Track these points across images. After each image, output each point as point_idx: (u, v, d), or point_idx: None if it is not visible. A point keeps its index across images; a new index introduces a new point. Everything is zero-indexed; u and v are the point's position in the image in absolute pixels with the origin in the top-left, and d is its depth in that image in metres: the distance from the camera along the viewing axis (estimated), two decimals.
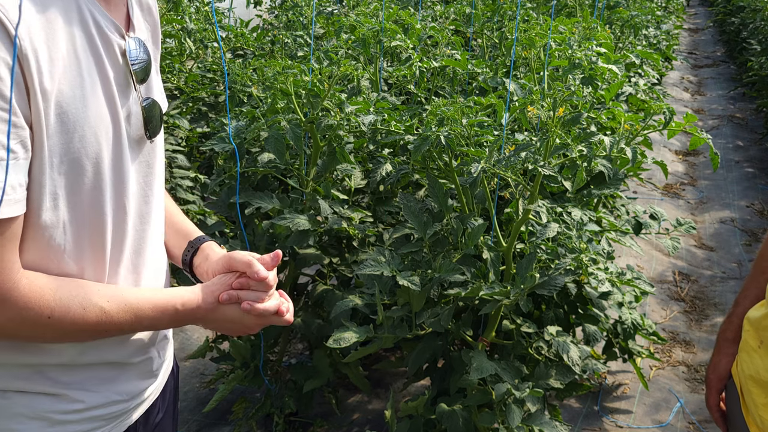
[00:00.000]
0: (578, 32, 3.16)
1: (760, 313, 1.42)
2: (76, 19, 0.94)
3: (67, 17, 0.92)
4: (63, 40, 0.91)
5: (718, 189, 5.63)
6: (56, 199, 0.93)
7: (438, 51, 3.08)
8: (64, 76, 0.91)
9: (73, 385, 1.04)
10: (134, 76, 1.02)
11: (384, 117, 2.29)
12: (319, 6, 3.96)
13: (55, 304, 0.94)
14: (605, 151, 1.98)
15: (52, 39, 0.90)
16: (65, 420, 1.03)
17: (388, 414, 2.16)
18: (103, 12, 0.97)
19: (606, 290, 2.29)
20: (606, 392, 3.01)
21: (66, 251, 0.98)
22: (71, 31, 0.93)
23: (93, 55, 0.96)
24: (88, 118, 0.94)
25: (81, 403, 1.04)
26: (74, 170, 0.94)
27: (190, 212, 3.53)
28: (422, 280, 1.95)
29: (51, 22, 0.90)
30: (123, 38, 1.01)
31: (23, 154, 0.88)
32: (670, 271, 4.24)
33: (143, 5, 1.13)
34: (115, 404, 1.10)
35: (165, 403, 1.26)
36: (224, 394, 2.45)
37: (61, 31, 0.91)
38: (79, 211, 0.97)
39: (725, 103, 8.16)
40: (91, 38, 0.96)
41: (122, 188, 1.02)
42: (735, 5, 10.74)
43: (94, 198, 0.98)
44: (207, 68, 3.67)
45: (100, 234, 1.01)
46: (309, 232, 2.19)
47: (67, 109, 0.91)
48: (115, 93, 0.99)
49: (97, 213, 0.99)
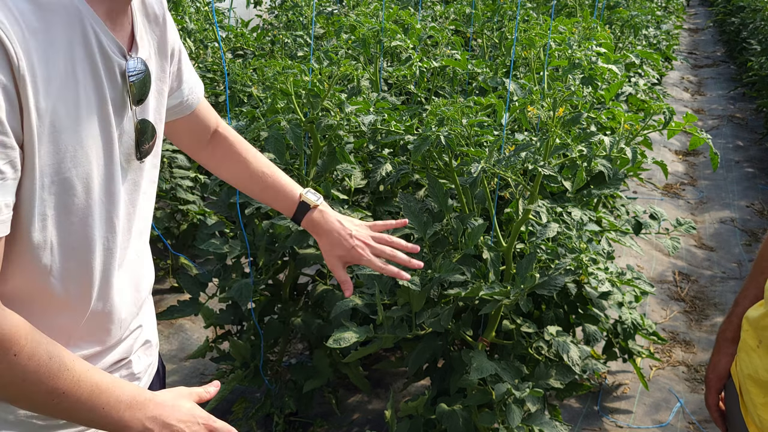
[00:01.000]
0: (578, 32, 3.16)
1: (759, 312, 1.42)
2: (79, 37, 0.92)
3: (69, 35, 0.91)
4: (62, 59, 0.90)
5: (718, 189, 5.64)
6: (45, 219, 0.92)
7: (438, 51, 3.08)
8: (60, 95, 0.90)
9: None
10: (131, 96, 1.01)
11: (384, 117, 2.29)
12: (319, 6, 3.97)
13: (25, 342, 0.89)
14: (605, 151, 1.98)
15: (52, 57, 0.89)
16: (47, 425, 1.03)
17: (388, 414, 2.16)
18: (107, 31, 0.96)
19: (606, 290, 2.29)
20: (606, 392, 3.01)
21: (52, 272, 0.96)
22: (72, 50, 0.91)
23: (92, 74, 0.94)
24: (81, 139, 0.93)
25: None
26: (65, 190, 0.93)
27: (190, 212, 3.53)
28: (422, 280, 1.95)
29: (52, 40, 0.89)
30: (124, 58, 1.00)
31: (11, 174, 0.86)
32: (670, 271, 4.24)
33: (150, 16, 1.11)
34: None
35: None
36: (224, 394, 2.45)
37: (61, 50, 0.90)
38: (67, 232, 0.96)
39: (725, 103, 8.16)
40: (92, 57, 0.94)
41: (112, 208, 1.01)
42: (735, 5, 10.75)
43: (84, 218, 0.97)
44: (207, 68, 3.67)
45: (88, 254, 1.00)
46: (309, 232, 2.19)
47: (60, 129, 0.90)
48: (111, 114, 0.98)
49: (86, 233, 0.98)
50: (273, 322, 2.43)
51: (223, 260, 2.34)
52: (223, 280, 2.33)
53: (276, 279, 2.56)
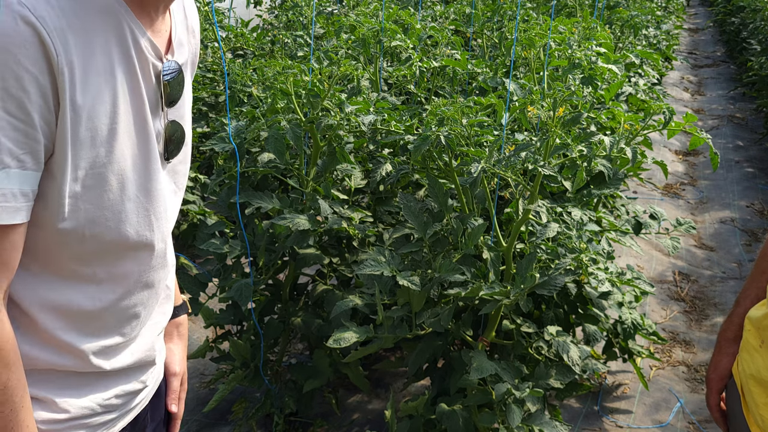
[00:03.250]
0: (578, 32, 3.16)
1: (761, 312, 1.42)
2: (117, 37, 0.94)
3: (108, 34, 0.93)
4: (100, 56, 0.92)
5: (718, 189, 5.63)
6: (77, 212, 0.94)
7: (438, 51, 3.08)
8: (98, 92, 0.91)
9: (57, 392, 1.03)
10: (164, 98, 1.03)
11: (384, 117, 2.29)
12: (319, 6, 3.97)
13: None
14: (605, 151, 1.98)
15: (90, 52, 0.90)
16: (49, 429, 1.02)
17: (388, 414, 2.16)
18: (144, 31, 0.98)
19: (606, 290, 2.29)
20: (606, 392, 3.01)
21: (83, 260, 0.98)
22: (110, 49, 0.93)
23: (129, 74, 0.96)
24: (117, 135, 0.95)
25: (66, 412, 1.03)
26: (99, 184, 0.94)
27: (190, 212, 3.53)
28: (422, 280, 1.95)
29: (89, 36, 0.90)
30: (161, 60, 1.01)
31: (32, 164, 0.88)
32: (670, 271, 4.24)
33: (189, 28, 1.14)
34: (99, 415, 1.08)
35: (156, 411, 1.26)
36: (224, 394, 2.45)
37: (99, 48, 0.92)
38: (102, 227, 0.97)
39: (725, 103, 8.16)
40: (128, 57, 0.96)
41: (150, 206, 1.03)
42: (735, 5, 10.75)
43: (117, 214, 0.98)
44: (207, 68, 3.67)
45: (120, 249, 1.01)
46: (309, 232, 2.19)
47: (97, 124, 0.92)
48: (147, 113, 1.00)
49: (120, 229, 0.99)
50: (273, 322, 2.43)
51: (223, 260, 2.34)
52: (223, 280, 2.33)
53: (276, 279, 2.56)
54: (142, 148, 1.00)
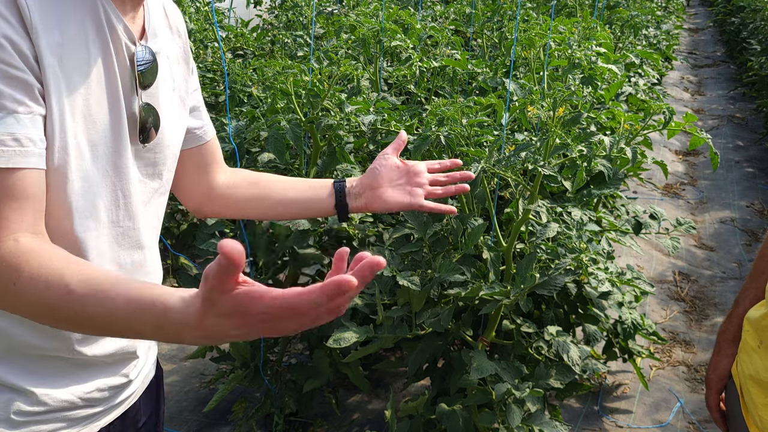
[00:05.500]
0: (578, 32, 3.16)
1: (760, 313, 1.42)
2: (90, 15, 0.96)
3: (83, 12, 0.95)
4: (75, 30, 0.94)
5: (718, 189, 5.63)
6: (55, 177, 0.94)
7: (438, 51, 3.08)
8: (72, 62, 0.93)
9: (38, 383, 1.02)
10: (138, 79, 1.03)
11: (384, 117, 2.29)
12: (319, 6, 3.97)
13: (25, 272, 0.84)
14: (605, 151, 1.98)
15: (66, 24, 0.93)
16: (28, 421, 1.02)
17: (388, 414, 2.16)
18: (119, 15, 1.00)
19: (606, 290, 2.29)
20: (606, 392, 3.01)
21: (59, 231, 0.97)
22: (85, 26, 0.96)
23: (103, 51, 0.98)
24: (89, 106, 0.96)
25: (45, 405, 1.03)
26: (76, 153, 0.96)
27: (189, 212, 3.53)
28: (422, 280, 1.95)
29: (65, 10, 0.93)
30: (134, 44, 1.03)
31: (38, 110, 0.90)
32: (670, 271, 4.24)
33: (172, 28, 1.16)
34: (81, 408, 1.08)
35: (147, 406, 1.25)
36: (224, 394, 2.45)
37: (74, 22, 0.94)
38: (77, 194, 0.98)
39: (725, 103, 8.16)
40: (102, 35, 0.98)
41: (118, 182, 1.03)
42: (735, 5, 10.75)
43: (91, 185, 0.99)
44: (207, 68, 3.67)
45: (92, 220, 1.01)
46: (309, 232, 2.19)
47: (74, 95, 0.94)
48: (120, 91, 1.01)
49: (93, 200, 1.00)
50: None
51: None
52: None
53: (276, 279, 2.56)
54: (114, 125, 1.01)
